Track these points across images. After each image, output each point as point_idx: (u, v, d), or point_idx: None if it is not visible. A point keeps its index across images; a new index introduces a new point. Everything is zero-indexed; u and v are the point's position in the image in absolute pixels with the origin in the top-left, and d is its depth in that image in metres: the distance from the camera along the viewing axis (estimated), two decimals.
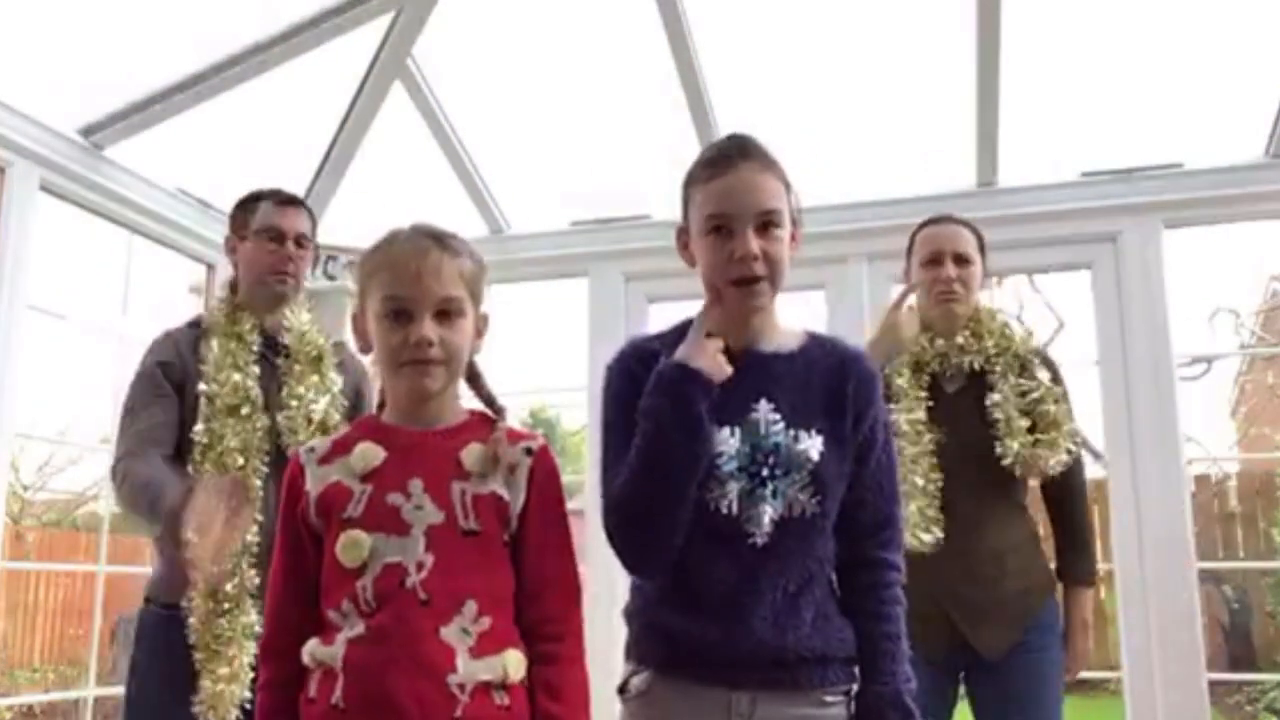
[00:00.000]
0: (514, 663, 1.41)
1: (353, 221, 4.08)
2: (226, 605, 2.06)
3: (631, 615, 1.57)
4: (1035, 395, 2.26)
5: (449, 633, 1.37)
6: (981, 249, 2.42)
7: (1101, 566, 2.50)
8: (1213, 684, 3.19)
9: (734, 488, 1.46)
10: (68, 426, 9.67)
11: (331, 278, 3.96)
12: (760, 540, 1.46)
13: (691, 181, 1.58)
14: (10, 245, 3.02)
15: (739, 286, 1.50)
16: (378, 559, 1.39)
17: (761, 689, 1.45)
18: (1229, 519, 7.96)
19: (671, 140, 3.67)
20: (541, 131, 3.96)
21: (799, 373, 1.54)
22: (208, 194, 3.76)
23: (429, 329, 1.43)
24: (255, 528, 2.09)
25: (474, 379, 1.57)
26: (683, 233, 1.61)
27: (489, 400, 1.57)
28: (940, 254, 2.36)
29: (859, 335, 3.50)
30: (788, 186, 1.56)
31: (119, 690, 2.27)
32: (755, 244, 1.48)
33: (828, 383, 1.54)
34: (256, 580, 2.08)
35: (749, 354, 1.54)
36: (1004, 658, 2.21)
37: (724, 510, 1.46)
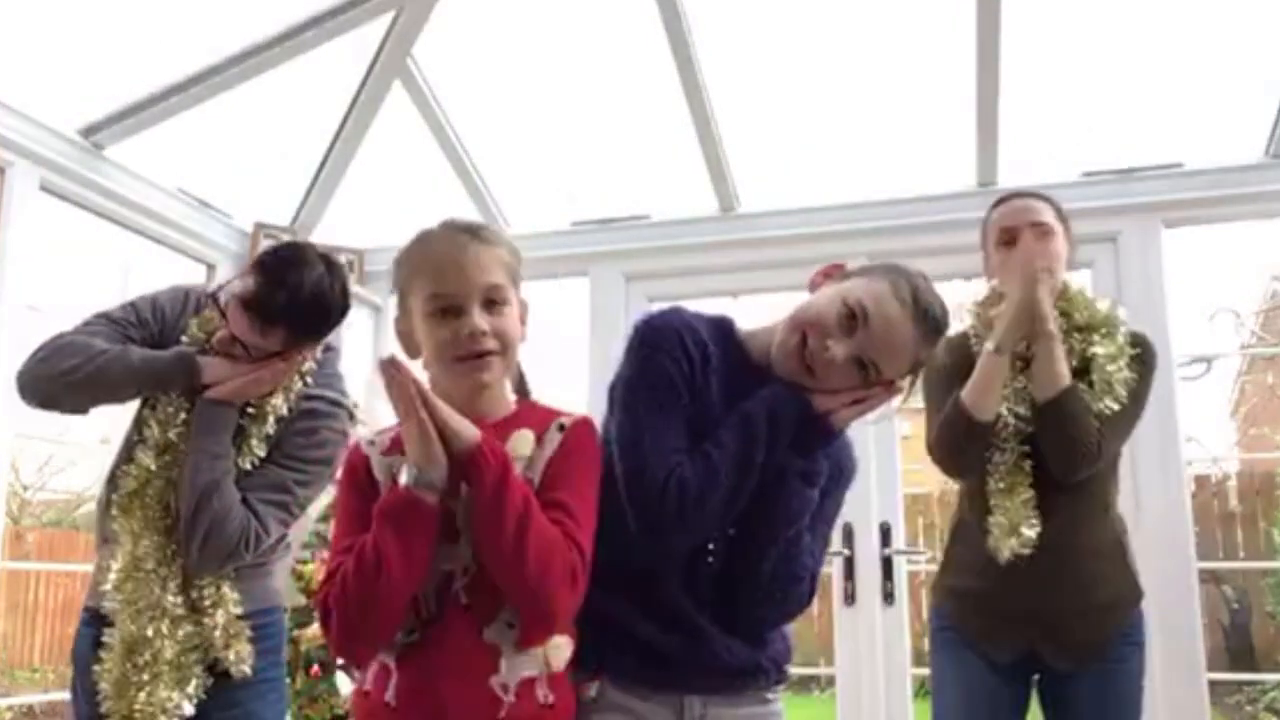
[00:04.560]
0: (556, 649, 1.38)
1: (353, 221, 4.08)
2: (143, 677, 1.88)
3: (583, 620, 1.51)
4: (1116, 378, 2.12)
5: (492, 632, 1.34)
6: (1062, 218, 2.21)
7: None
8: (1213, 684, 3.19)
9: None
10: (68, 426, 9.65)
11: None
12: (712, 560, 1.47)
13: (890, 273, 1.49)
14: (10, 245, 3.02)
15: (798, 356, 1.47)
16: (436, 566, 1.35)
17: (712, 693, 1.48)
18: (1229, 519, 7.95)
19: (671, 140, 3.67)
20: (541, 131, 3.96)
21: None
22: (208, 194, 3.76)
23: (480, 320, 1.40)
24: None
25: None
26: (838, 270, 1.56)
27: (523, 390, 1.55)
28: (1015, 230, 2.17)
29: None
30: (914, 374, 1.51)
31: None
32: (842, 357, 1.45)
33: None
34: (179, 603, 1.93)
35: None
36: (1077, 670, 2.13)
37: None
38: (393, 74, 3.57)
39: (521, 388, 1.55)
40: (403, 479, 1.32)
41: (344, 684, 3.24)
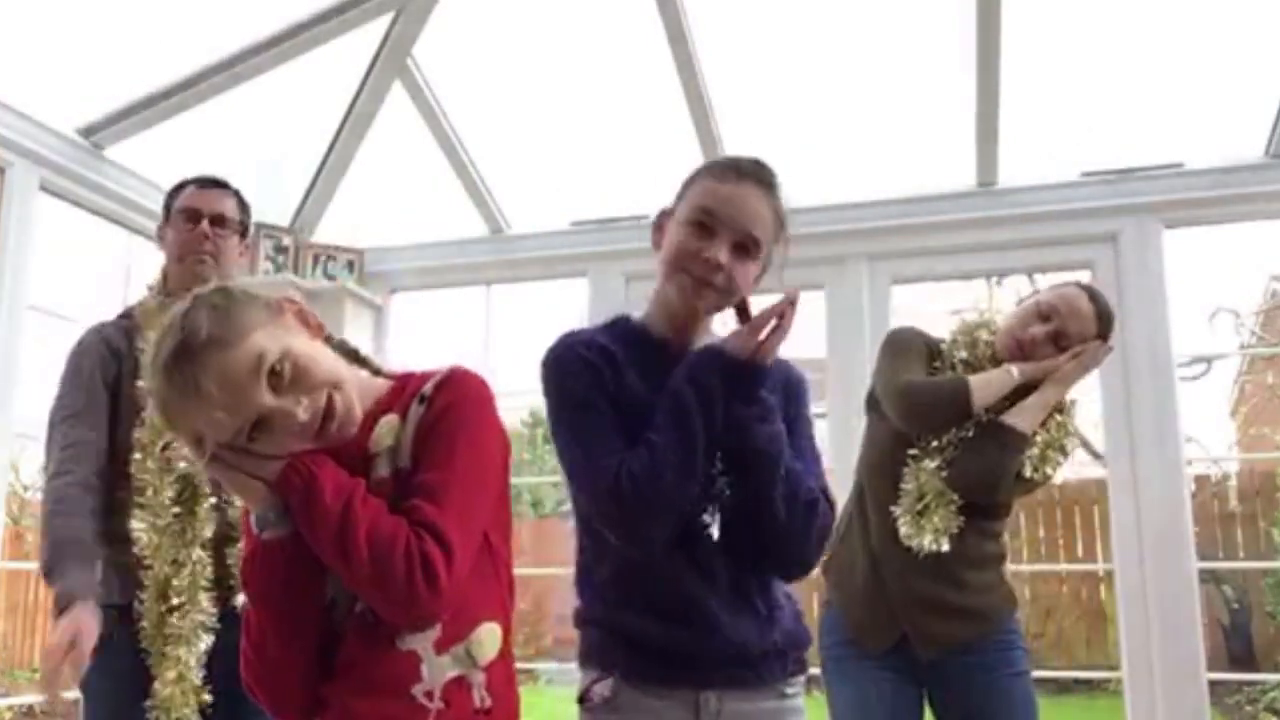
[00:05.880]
0: (483, 641, 1.28)
1: (353, 221, 4.08)
2: (176, 601, 2.04)
3: (588, 620, 1.55)
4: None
5: (406, 640, 1.24)
6: (1101, 333, 2.27)
7: (1101, 567, 2.50)
8: (1213, 684, 3.19)
9: None
10: None
11: (331, 278, 3.97)
12: (715, 533, 1.48)
13: (701, 174, 1.58)
14: (10, 245, 3.02)
15: (694, 280, 1.49)
16: (341, 594, 1.28)
17: (728, 687, 1.47)
18: (1229, 519, 7.96)
19: (671, 140, 3.67)
20: (541, 131, 3.96)
21: None
22: None
23: (287, 409, 1.19)
24: (208, 521, 2.09)
25: (354, 358, 1.37)
26: (665, 215, 1.60)
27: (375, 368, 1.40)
28: (1060, 330, 2.26)
29: (858, 336, 3.51)
30: (780, 230, 1.55)
31: None
32: (726, 256, 1.48)
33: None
34: (210, 573, 2.08)
35: (686, 353, 1.54)
36: (960, 675, 2.19)
37: None
38: (393, 74, 3.57)
39: (368, 364, 1.39)
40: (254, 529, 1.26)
41: None
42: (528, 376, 1.57)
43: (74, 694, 2.10)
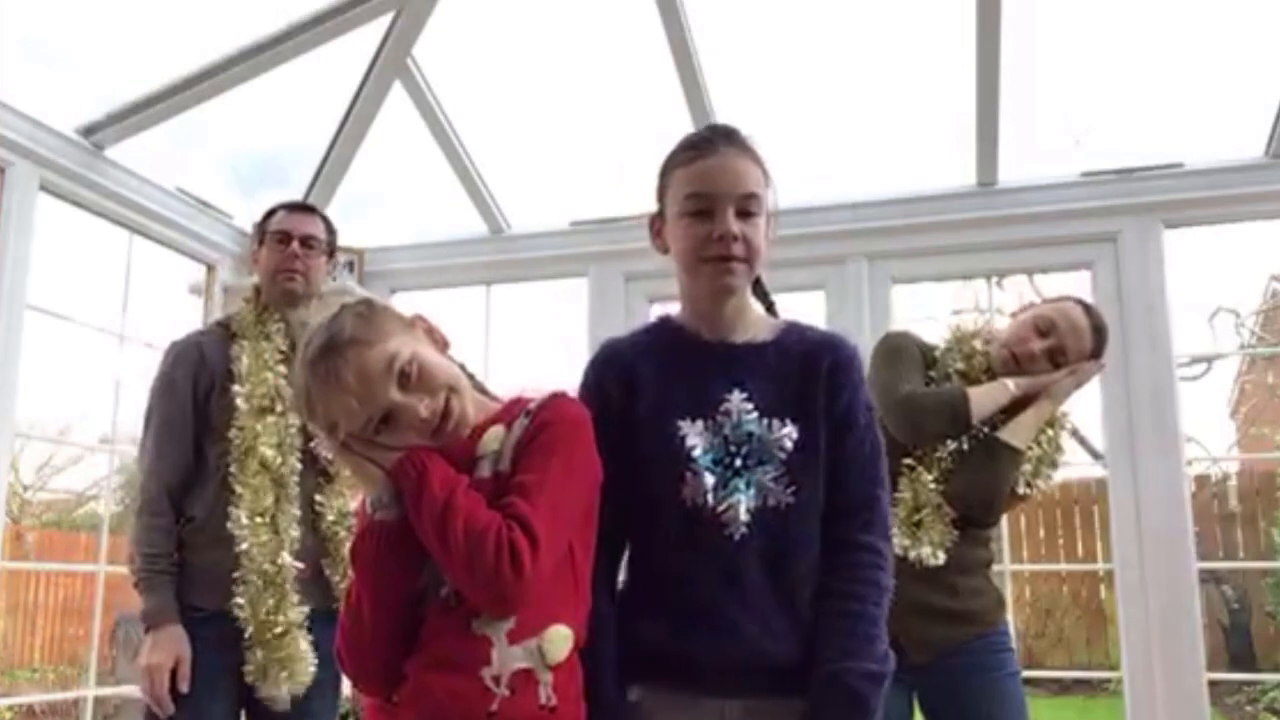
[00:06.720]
0: (554, 641, 1.34)
1: (353, 221, 4.08)
2: (273, 602, 2.22)
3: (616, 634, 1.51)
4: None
5: (481, 623, 1.33)
6: (1095, 352, 2.30)
7: (1101, 567, 2.50)
8: (1213, 684, 3.19)
9: (709, 480, 1.43)
10: (68, 426, 9.70)
11: (331, 278, 3.96)
12: (738, 534, 1.42)
13: (670, 165, 1.58)
14: (10, 245, 3.02)
15: (715, 263, 1.49)
16: (431, 578, 1.37)
17: (754, 697, 1.41)
18: (1229, 519, 7.96)
19: (671, 140, 3.67)
20: (541, 131, 3.97)
21: (772, 361, 1.51)
22: (208, 194, 3.77)
23: (412, 407, 1.36)
24: (295, 522, 2.27)
25: (468, 377, 1.51)
26: (656, 219, 1.61)
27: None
28: (1059, 346, 2.28)
29: (859, 336, 3.51)
30: (767, 177, 1.55)
31: (119, 690, 2.30)
32: (735, 225, 1.48)
33: (802, 368, 1.50)
34: (295, 571, 2.26)
35: (722, 345, 1.54)
36: (953, 678, 2.18)
37: (699, 504, 1.43)
38: (393, 74, 3.57)
39: (477, 384, 1.52)
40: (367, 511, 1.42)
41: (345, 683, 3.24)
42: (527, 376, 1.58)
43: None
